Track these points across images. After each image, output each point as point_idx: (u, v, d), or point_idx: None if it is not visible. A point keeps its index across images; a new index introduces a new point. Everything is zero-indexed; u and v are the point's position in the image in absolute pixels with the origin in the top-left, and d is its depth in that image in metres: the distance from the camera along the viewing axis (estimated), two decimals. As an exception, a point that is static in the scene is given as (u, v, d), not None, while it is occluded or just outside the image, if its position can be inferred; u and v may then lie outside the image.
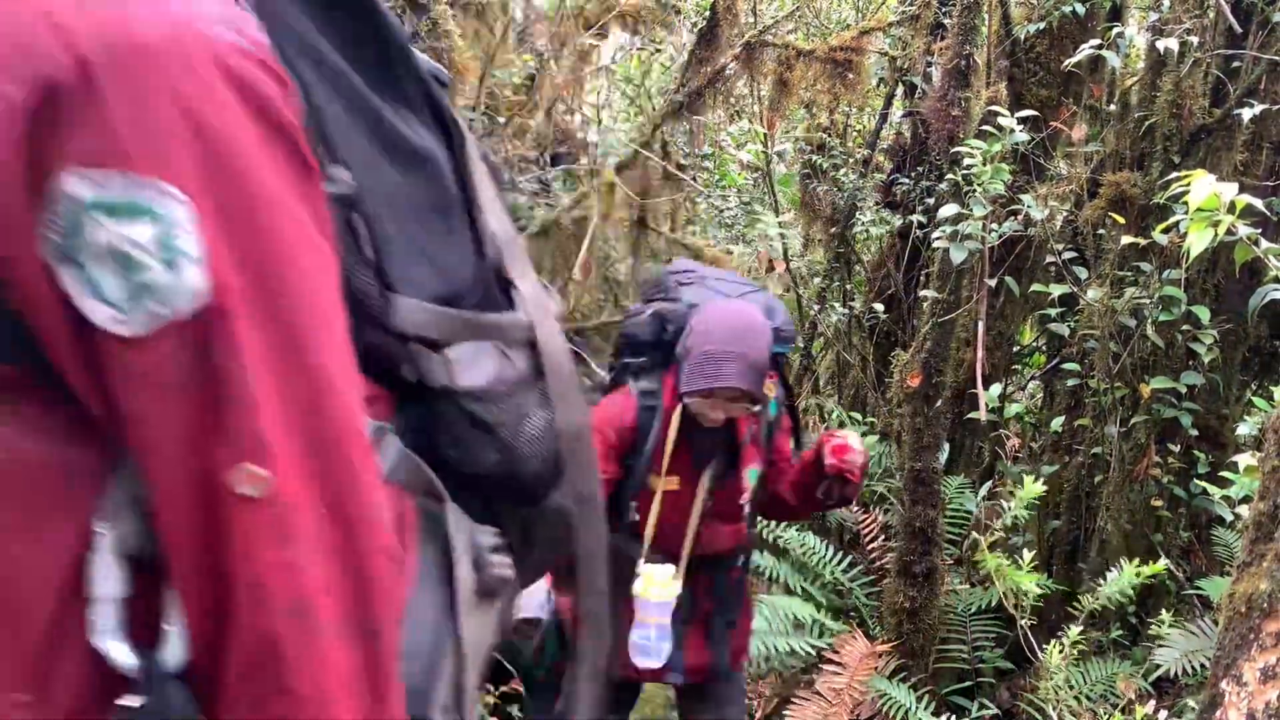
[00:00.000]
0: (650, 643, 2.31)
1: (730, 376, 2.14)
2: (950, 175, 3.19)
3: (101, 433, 0.62)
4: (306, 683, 0.63)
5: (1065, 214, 4.11)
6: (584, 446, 0.95)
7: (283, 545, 0.62)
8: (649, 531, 2.36)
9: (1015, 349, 4.83)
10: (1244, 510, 2.57)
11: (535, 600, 3.63)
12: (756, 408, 2.24)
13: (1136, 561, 2.62)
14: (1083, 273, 3.81)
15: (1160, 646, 3.16)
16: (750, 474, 2.35)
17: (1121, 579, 2.61)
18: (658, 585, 2.29)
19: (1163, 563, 2.60)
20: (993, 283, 3.51)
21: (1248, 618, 1.40)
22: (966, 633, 3.66)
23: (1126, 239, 3.43)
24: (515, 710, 3.11)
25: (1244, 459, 2.47)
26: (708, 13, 4.77)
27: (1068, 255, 3.79)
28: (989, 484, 4.24)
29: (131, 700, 0.62)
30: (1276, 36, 3.52)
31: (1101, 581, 2.68)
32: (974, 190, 2.99)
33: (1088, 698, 3.23)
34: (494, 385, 0.86)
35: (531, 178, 5.42)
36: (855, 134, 6.07)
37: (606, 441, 2.32)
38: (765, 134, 5.69)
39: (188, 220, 0.58)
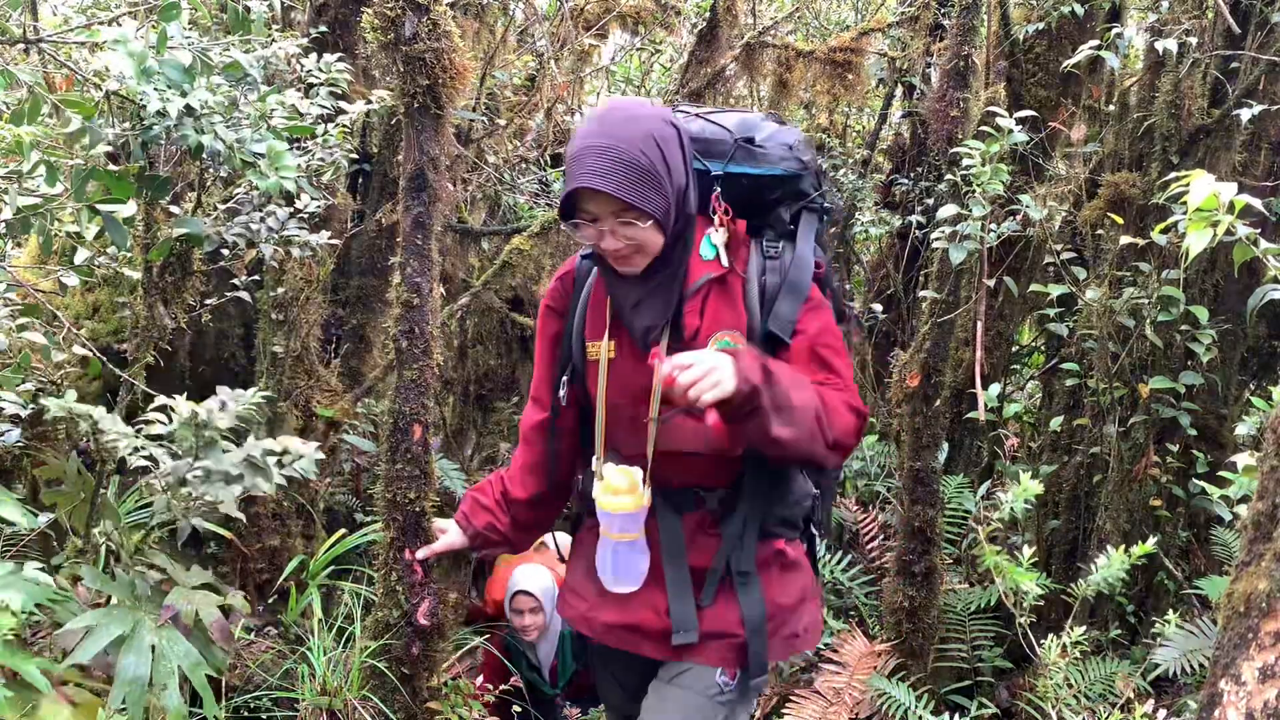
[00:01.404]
0: (607, 563, 1.89)
1: (582, 176, 1.65)
2: (949, 176, 3.19)
3: None
4: None
5: (1064, 214, 4.11)
6: None
7: None
8: (600, 419, 1.88)
9: (1014, 349, 4.84)
10: (1243, 510, 2.58)
11: (538, 581, 3.60)
12: (645, 223, 1.68)
13: (1122, 548, 2.62)
14: (1081, 273, 3.81)
15: (1159, 646, 3.16)
16: (721, 346, 1.77)
17: (1112, 564, 2.61)
18: (614, 492, 1.85)
19: (1151, 542, 2.60)
20: (991, 283, 3.51)
21: (1246, 617, 1.40)
22: (966, 632, 3.67)
23: (1125, 239, 3.44)
24: (515, 708, 3.11)
25: (1242, 458, 2.47)
26: (708, 13, 4.77)
27: (1066, 255, 3.80)
28: (988, 483, 4.24)
29: None
30: (1275, 37, 3.53)
31: (1094, 568, 2.68)
32: (973, 191, 3.00)
33: (1087, 696, 3.23)
34: None
35: (531, 178, 5.42)
36: (854, 134, 6.07)
37: (549, 301, 2.00)
38: (765, 134, 5.69)
39: None
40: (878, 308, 4.94)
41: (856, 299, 5.38)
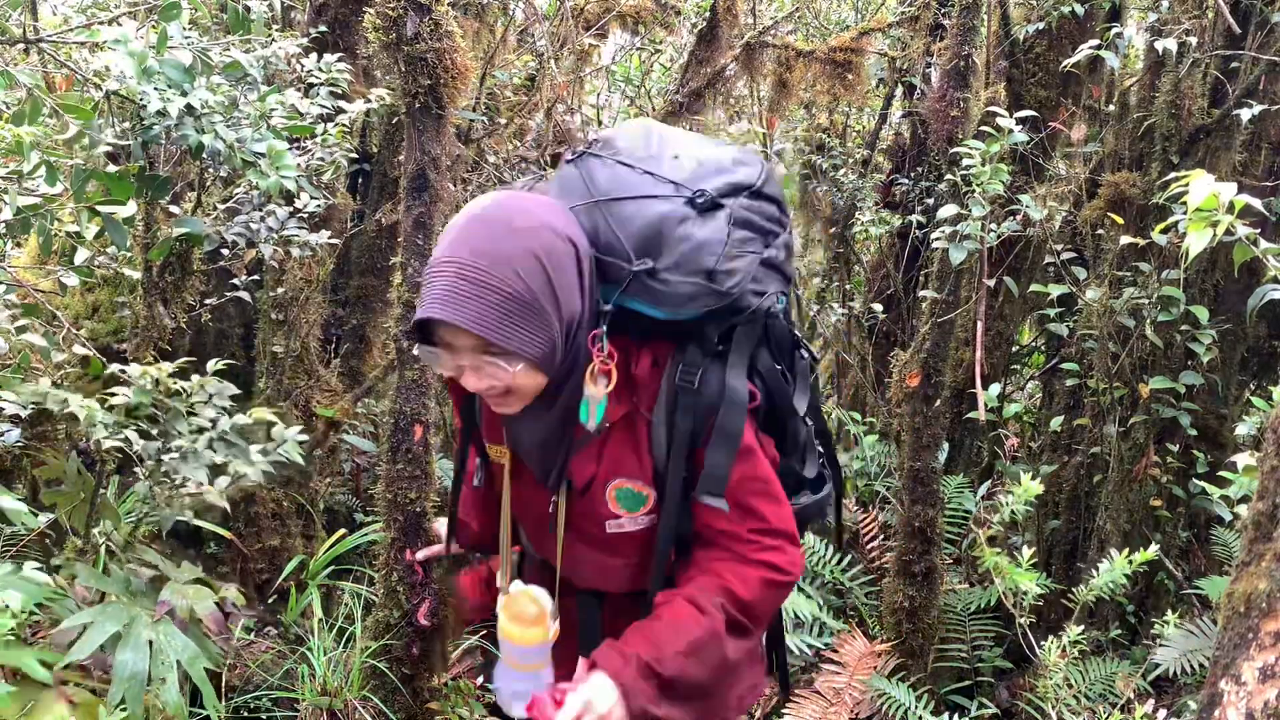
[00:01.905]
0: (503, 689, 1.69)
1: (431, 303, 1.34)
2: (949, 176, 3.19)
3: None
4: None
5: (1064, 214, 4.11)
6: None
7: None
8: (504, 526, 1.69)
9: (1014, 349, 4.83)
10: (1243, 510, 2.58)
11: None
12: (514, 366, 1.37)
13: (1127, 551, 2.62)
14: (1081, 273, 3.81)
15: (1159, 646, 3.17)
16: (621, 494, 1.55)
17: (1114, 569, 2.62)
18: (519, 621, 1.62)
19: (1153, 549, 2.60)
20: (992, 283, 3.51)
21: (1246, 617, 1.40)
22: (966, 632, 3.67)
23: (1125, 239, 3.44)
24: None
25: (1243, 458, 2.47)
26: (708, 13, 4.77)
27: (1067, 255, 3.80)
28: (988, 483, 4.24)
29: None
30: (1275, 37, 3.53)
31: (1095, 573, 2.68)
32: (973, 190, 3.00)
33: (1087, 697, 3.23)
34: None
35: (531, 178, 5.42)
36: (855, 134, 6.07)
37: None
38: (765, 134, 5.69)
39: None
40: (878, 307, 4.94)
41: (856, 299, 5.38)
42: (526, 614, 1.63)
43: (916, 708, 3.17)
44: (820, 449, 1.79)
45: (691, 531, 1.59)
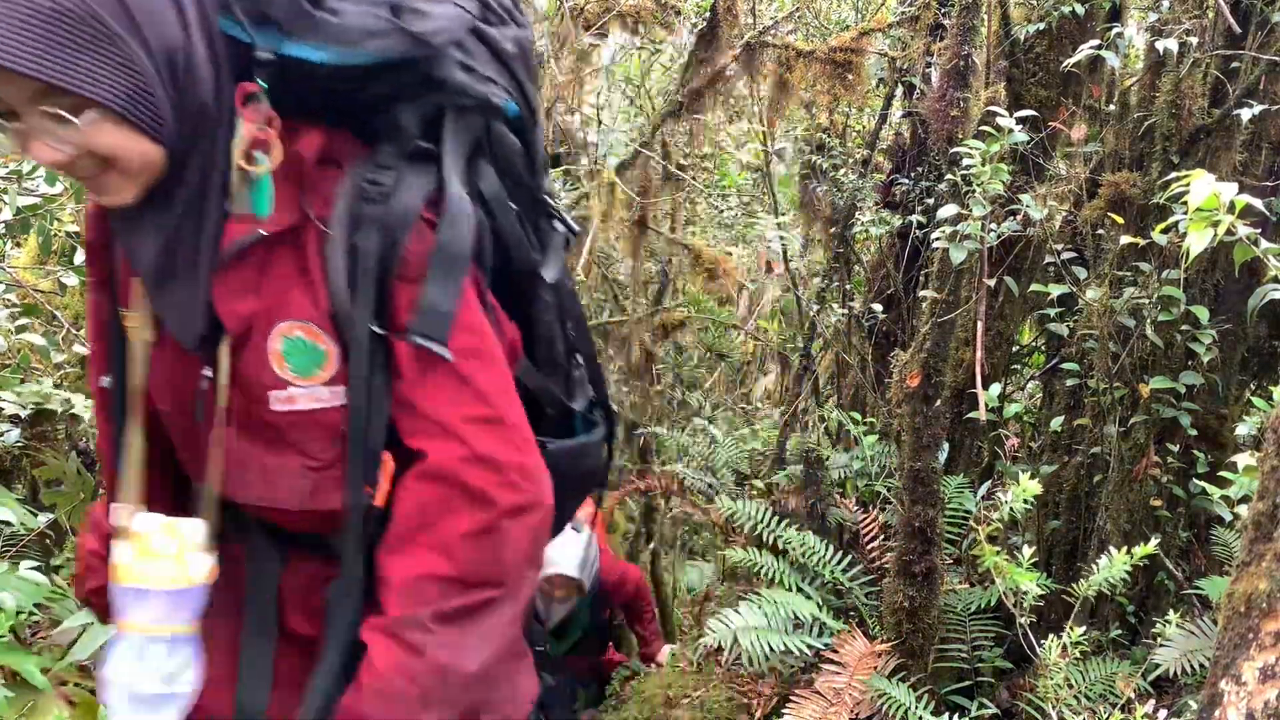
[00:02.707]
0: (123, 673, 1.13)
1: None
2: (949, 175, 3.19)
3: None
4: None
5: (1064, 214, 4.11)
6: None
7: None
8: (134, 432, 1.20)
9: (1014, 349, 4.83)
10: (1243, 510, 2.58)
11: (572, 555, 3.25)
12: (81, 115, 0.97)
13: (1125, 548, 2.62)
14: (1082, 273, 3.81)
15: (1159, 646, 3.16)
16: (289, 346, 1.11)
17: (1114, 565, 2.62)
18: (157, 559, 1.12)
19: (1153, 543, 2.60)
20: (992, 283, 3.51)
21: (1247, 617, 1.40)
22: (966, 632, 3.66)
23: (1126, 239, 3.44)
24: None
25: (1243, 459, 2.47)
26: (708, 13, 4.78)
27: (1067, 255, 3.79)
28: (988, 483, 4.24)
29: None
30: (1276, 37, 3.53)
31: (1095, 568, 2.68)
32: (973, 190, 3.00)
33: (1087, 697, 3.23)
34: None
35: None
36: (855, 134, 6.07)
37: (87, 231, 1.28)
38: (765, 134, 5.70)
39: None
40: (878, 307, 4.94)
41: (856, 299, 5.38)
42: (164, 545, 1.14)
43: (916, 708, 3.17)
44: (592, 386, 1.39)
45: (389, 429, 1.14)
